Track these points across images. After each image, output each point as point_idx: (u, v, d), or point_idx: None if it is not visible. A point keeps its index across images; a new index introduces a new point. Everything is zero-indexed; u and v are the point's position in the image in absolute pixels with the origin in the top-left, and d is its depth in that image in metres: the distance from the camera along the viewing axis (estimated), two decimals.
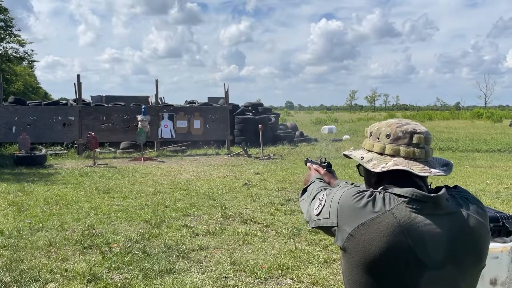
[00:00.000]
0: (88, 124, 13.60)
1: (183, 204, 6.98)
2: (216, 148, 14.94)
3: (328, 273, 4.12)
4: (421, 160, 1.22)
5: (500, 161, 12.58)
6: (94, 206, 6.78)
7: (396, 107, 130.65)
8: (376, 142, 1.29)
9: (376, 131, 1.30)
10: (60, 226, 5.65)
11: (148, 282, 3.91)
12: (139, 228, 5.63)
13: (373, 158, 1.27)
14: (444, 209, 1.17)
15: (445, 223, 1.16)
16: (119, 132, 14.06)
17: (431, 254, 1.13)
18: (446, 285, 1.16)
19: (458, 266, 1.16)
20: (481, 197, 7.35)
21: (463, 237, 1.17)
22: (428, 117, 47.70)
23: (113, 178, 9.55)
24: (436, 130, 26.52)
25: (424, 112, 58.64)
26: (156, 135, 14.29)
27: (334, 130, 24.40)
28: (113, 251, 4.72)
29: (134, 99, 18.30)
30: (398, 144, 1.23)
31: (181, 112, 14.76)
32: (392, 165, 1.21)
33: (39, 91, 46.18)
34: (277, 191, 8.07)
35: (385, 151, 1.25)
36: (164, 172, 10.46)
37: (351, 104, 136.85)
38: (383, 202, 1.16)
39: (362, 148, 1.37)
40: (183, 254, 4.63)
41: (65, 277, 3.99)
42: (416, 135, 1.22)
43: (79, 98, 13.78)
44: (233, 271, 4.19)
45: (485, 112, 49.37)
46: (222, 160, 13.02)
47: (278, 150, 14.95)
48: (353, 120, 43.17)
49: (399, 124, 1.26)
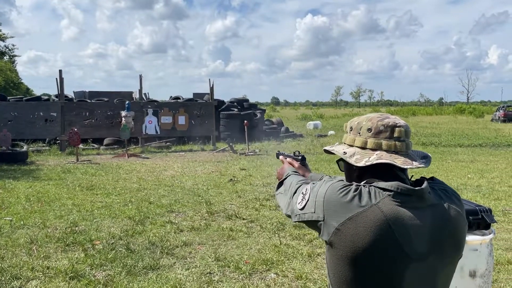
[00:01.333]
0: (70, 120, 13.41)
1: (167, 200, 6.94)
2: (202, 144, 14.87)
3: (312, 267, 4.15)
4: (402, 153, 1.23)
5: (482, 155, 12.79)
6: (77, 203, 6.69)
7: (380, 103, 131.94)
8: (357, 136, 1.29)
9: (356, 126, 1.30)
10: (42, 223, 5.57)
11: (131, 278, 3.88)
12: (123, 224, 5.58)
13: (356, 152, 1.27)
14: (427, 201, 1.19)
15: (428, 215, 1.18)
16: (103, 128, 13.90)
17: (415, 246, 1.15)
18: (428, 275, 1.18)
19: (440, 257, 1.19)
20: (462, 191, 7.47)
21: (444, 228, 1.19)
22: (412, 113, 48.29)
23: (96, 174, 9.44)
24: (419, 125, 26.84)
25: (408, 108, 59.30)
26: (141, 131, 14.17)
27: (320, 126, 24.51)
28: (96, 248, 4.67)
29: (118, 95, 18.12)
30: (380, 138, 1.24)
31: (165, 107, 14.65)
32: (375, 159, 1.21)
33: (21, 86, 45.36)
34: (262, 186, 8.08)
35: (367, 145, 1.26)
36: (149, 169, 10.38)
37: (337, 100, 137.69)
38: (369, 196, 1.17)
39: (342, 143, 1.37)
40: (167, 251, 4.61)
41: (47, 274, 3.94)
42: (397, 129, 1.24)
43: (61, 94, 13.56)
44: (217, 266, 4.19)
45: (468, 107, 50.16)
46: (208, 156, 12.98)
47: (264, 145, 14.96)
48: (338, 116, 43.45)
49: (380, 118, 1.27)
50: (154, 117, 14.32)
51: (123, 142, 13.50)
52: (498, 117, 31.61)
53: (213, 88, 14.99)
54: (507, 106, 33.69)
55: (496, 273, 3.96)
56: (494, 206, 6.43)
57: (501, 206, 6.42)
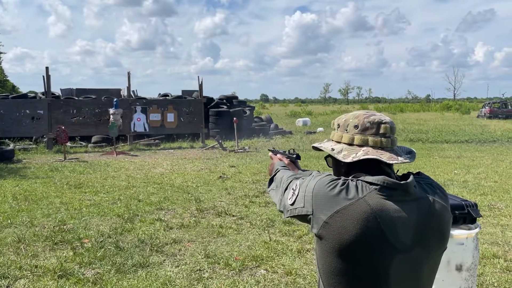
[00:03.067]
0: (57, 117, 13.26)
1: (156, 198, 6.91)
2: (191, 141, 14.83)
3: (302, 263, 4.17)
4: (388, 149, 1.26)
5: (468, 151, 12.97)
6: (65, 201, 6.64)
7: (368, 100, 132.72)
8: (344, 133, 1.32)
9: (343, 123, 1.34)
10: (29, 222, 5.51)
11: (121, 276, 3.87)
12: (112, 222, 5.55)
13: (343, 149, 1.30)
14: (412, 195, 1.22)
15: (414, 208, 1.21)
16: (91, 125, 13.77)
17: (401, 238, 1.18)
18: (413, 267, 1.22)
19: (425, 249, 1.22)
20: (449, 187, 7.57)
21: (429, 221, 1.23)
22: (400, 110, 48.68)
23: (84, 172, 9.37)
24: (407, 122, 27.08)
25: (395, 105, 59.81)
26: (129, 129, 14.07)
27: (308, 123, 24.60)
28: (85, 246, 4.64)
29: (105, 92, 17.97)
30: (366, 134, 1.27)
31: (154, 105, 14.57)
32: (362, 155, 1.24)
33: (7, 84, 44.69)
34: (251, 183, 8.09)
35: (354, 141, 1.29)
36: (137, 166, 10.33)
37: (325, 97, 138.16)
38: (356, 189, 1.20)
39: (330, 140, 1.40)
40: (157, 248, 4.60)
41: (35, 273, 3.91)
42: (382, 125, 1.27)
43: (48, 91, 13.40)
44: (207, 263, 4.19)
45: (454, 104, 50.74)
46: (197, 153, 12.95)
47: (253, 142, 14.97)
48: (327, 112, 43.59)
49: (366, 115, 1.30)
50: (142, 115, 14.23)
51: (111, 139, 13.39)
52: (484, 114, 32.04)
53: (202, 85, 14.95)
54: (493, 102, 34.16)
55: (481, 267, 4.03)
56: (480, 201, 6.53)
57: (486, 201, 6.52)
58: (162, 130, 14.68)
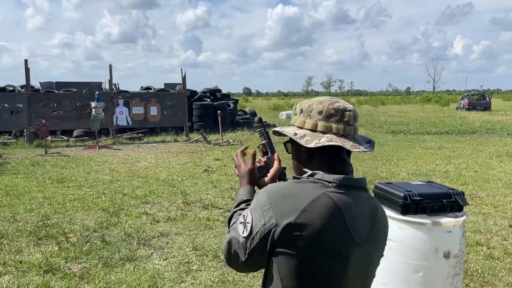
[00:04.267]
0: (38, 111, 12.98)
1: (142, 191, 6.85)
2: (174, 135, 14.72)
3: None
4: (350, 137, 1.26)
5: (448, 142, 13.20)
6: (47, 196, 6.52)
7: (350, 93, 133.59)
8: (307, 119, 1.29)
9: (307, 108, 1.30)
10: (12, 217, 5.40)
11: (108, 270, 3.83)
12: (97, 217, 5.48)
13: (306, 134, 1.27)
14: (366, 192, 1.26)
15: (367, 205, 1.24)
16: (72, 119, 13.53)
17: (359, 232, 1.19)
18: (366, 259, 1.24)
19: (375, 245, 1.26)
20: (431, 177, 7.70)
21: (379, 219, 1.27)
22: (381, 102, 49.22)
23: (67, 167, 9.22)
24: (388, 114, 27.40)
25: (377, 97, 60.44)
26: (111, 122, 13.88)
27: (292, 116, 24.58)
28: (70, 241, 4.58)
29: (86, 85, 17.65)
30: (330, 121, 1.25)
31: (137, 98, 14.38)
32: (326, 141, 1.22)
33: None
34: (237, 176, 8.07)
35: (317, 127, 1.26)
36: (121, 160, 10.21)
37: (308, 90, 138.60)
38: (316, 187, 1.18)
39: (291, 125, 1.36)
40: (144, 242, 4.57)
41: (20, 269, 3.84)
42: (347, 113, 1.26)
43: (28, 84, 13.10)
44: (195, 256, 4.19)
45: (434, 96, 51.53)
46: (181, 147, 12.86)
47: (238, 136, 14.94)
48: None
49: (331, 101, 1.28)
50: (125, 108, 14.04)
51: (93, 133, 13.19)
52: (463, 106, 32.62)
53: (185, 78, 14.81)
54: (471, 95, 34.81)
55: (465, 255, 4.11)
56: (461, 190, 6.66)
57: (468, 191, 6.66)
58: (145, 124, 14.53)
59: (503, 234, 4.68)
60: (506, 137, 14.47)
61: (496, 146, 12.00)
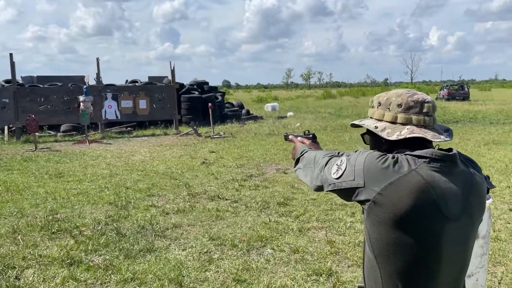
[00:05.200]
0: (24, 106, 12.72)
1: (144, 184, 6.85)
2: (164, 128, 14.65)
3: (306, 241, 4.31)
4: (430, 127, 1.31)
5: None
6: (49, 191, 6.47)
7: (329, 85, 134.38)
8: (386, 111, 1.35)
9: (385, 101, 1.36)
10: (18, 212, 5.36)
11: (131, 261, 3.87)
12: (105, 210, 5.48)
13: (386, 127, 1.33)
14: (458, 167, 1.29)
15: (460, 180, 1.27)
16: (59, 114, 13.32)
17: (450, 207, 1.24)
18: (461, 235, 1.29)
19: (470, 218, 1.30)
20: None
21: (472, 192, 1.29)
22: (362, 93, 49.73)
23: (61, 162, 9.11)
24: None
25: (357, 89, 60.96)
26: (100, 116, 13.72)
27: (277, 108, 24.79)
28: (85, 234, 4.58)
29: (68, 79, 17.31)
30: (410, 113, 1.30)
31: (125, 91, 14.24)
32: (407, 133, 1.28)
33: None
34: (236, 168, 8.15)
35: (397, 120, 1.32)
36: (115, 154, 10.13)
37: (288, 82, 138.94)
38: (407, 162, 1.25)
39: (369, 118, 1.43)
40: (159, 233, 4.61)
41: (41, 262, 3.84)
42: (426, 104, 1.31)
43: (14, 79, 12.82)
44: (213, 245, 4.25)
45: (413, 87, 52.41)
46: (172, 140, 12.83)
47: (228, 128, 14.97)
48: (292, 97, 43.99)
49: (409, 94, 1.33)
50: (113, 102, 13.89)
51: (81, 128, 13.03)
52: (442, 96, 33.37)
53: (174, 71, 14.72)
54: (451, 85, 35.60)
55: None
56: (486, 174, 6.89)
57: None
58: (134, 117, 14.41)
59: (506, 218, 4.89)
60: (489, 126, 14.91)
61: (481, 135, 12.37)
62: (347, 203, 5.55)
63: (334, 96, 44.11)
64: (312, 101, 36.04)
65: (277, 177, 7.30)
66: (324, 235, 4.48)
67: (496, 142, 10.76)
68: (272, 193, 6.17)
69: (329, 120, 17.64)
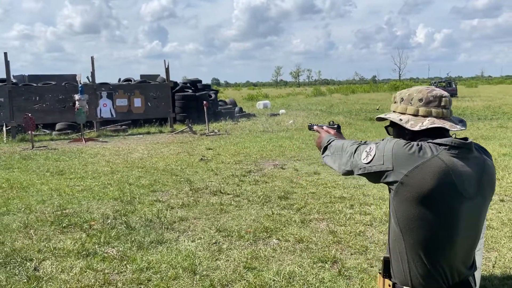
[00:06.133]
0: (19, 105, 12.75)
1: (146, 181, 7.01)
2: (159, 126, 14.76)
3: (309, 232, 4.52)
4: (448, 119, 1.54)
5: None
6: (53, 188, 6.59)
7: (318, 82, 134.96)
8: (409, 106, 1.57)
9: (407, 97, 1.59)
10: (26, 208, 5.49)
11: (143, 252, 4.03)
12: (111, 205, 5.63)
13: (409, 119, 1.55)
14: (473, 153, 1.52)
15: (474, 164, 1.51)
16: (55, 112, 13.36)
17: (467, 188, 1.48)
18: (475, 212, 1.53)
19: (483, 197, 1.54)
20: None
21: (485, 175, 1.53)
22: (351, 91, 50.21)
23: (60, 160, 9.21)
24: (361, 102, 28.16)
25: (347, 86, 61.46)
26: (95, 115, 13.78)
27: (269, 105, 25.00)
28: (95, 228, 4.73)
29: (60, 78, 17.31)
30: (430, 107, 1.53)
31: (120, 90, 14.33)
32: (429, 124, 1.50)
33: None
34: (234, 164, 8.33)
35: (419, 113, 1.54)
36: (113, 152, 10.25)
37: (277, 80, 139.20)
38: (430, 149, 1.47)
39: (392, 112, 1.66)
40: (167, 226, 4.78)
41: (57, 254, 3.99)
42: (443, 98, 1.54)
43: (8, 78, 12.83)
44: (221, 236, 4.44)
45: (401, 84, 52.93)
46: (168, 137, 12.96)
47: (222, 126, 15.13)
48: (282, 95, 44.24)
49: (428, 90, 1.56)
50: (108, 100, 13.98)
51: (76, 126, 13.09)
52: None
53: (168, 69, 14.84)
54: (439, 82, 36.17)
55: None
56: None
57: None
58: (129, 116, 14.50)
59: (497, 208, 5.16)
60: (477, 121, 15.29)
61: (470, 130, 12.69)
62: (345, 196, 5.79)
63: (324, 94, 44.46)
64: (303, 99, 36.32)
65: (275, 172, 7.51)
66: (326, 226, 4.70)
67: (485, 137, 11.09)
68: (272, 188, 6.37)
69: (321, 117, 17.89)
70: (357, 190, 6.11)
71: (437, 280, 1.48)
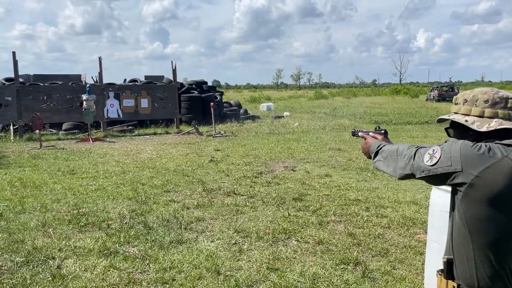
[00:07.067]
0: (27, 104, 12.77)
1: (158, 181, 7.02)
2: (165, 127, 14.78)
3: (328, 234, 4.53)
4: None
5: (431, 131, 13.88)
6: (66, 187, 6.60)
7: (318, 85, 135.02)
8: (473, 107, 1.56)
9: (471, 98, 1.58)
10: (42, 207, 5.50)
11: (165, 252, 4.04)
12: (127, 205, 5.64)
13: (475, 120, 1.55)
14: None
15: None
16: (62, 112, 13.38)
17: None
18: None
19: None
20: None
21: None
22: (353, 94, 50.28)
23: (70, 159, 9.22)
24: (363, 105, 28.16)
25: (348, 89, 61.47)
26: (102, 115, 13.80)
27: (272, 108, 25.03)
28: (113, 227, 4.74)
29: (65, 78, 17.35)
30: (496, 108, 1.53)
31: (127, 90, 14.34)
32: (497, 125, 1.50)
33: None
34: (244, 165, 8.35)
35: (484, 114, 1.53)
36: (122, 152, 10.26)
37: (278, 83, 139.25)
38: (499, 150, 1.47)
39: (454, 113, 1.64)
40: (185, 226, 4.79)
41: (78, 253, 4.00)
42: (510, 100, 1.53)
43: (16, 77, 12.85)
44: (240, 237, 4.44)
45: (402, 88, 53.03)
46: (175, 138, 12.97)
47: (228, 127, 15.15)
48: (284, 97, 44.28)
49: (494, 91, 1.56)
50: (115, 100, 13.99)
51: (83, 126, 13.10)
52: (433, 97, 33.91)
53: (175, 70, 14.86)
54: (441, 86, 36.22)
55: None
56: None
57: None
58: (136, 116, 14.52)
59: None
60: None
61: None
62: (360, 199, 5.80)
63: (326, 97, 44.54)
64: (305, 101, 36.38)
65: (286, 174, 7.52)
66: (344, 228, 4.71)
67: None
68: (285, 189, 6.39)
69: (325, 120, 17.91)
70: (371, 192, 6.13)
71: (503, 280, 1.48)
